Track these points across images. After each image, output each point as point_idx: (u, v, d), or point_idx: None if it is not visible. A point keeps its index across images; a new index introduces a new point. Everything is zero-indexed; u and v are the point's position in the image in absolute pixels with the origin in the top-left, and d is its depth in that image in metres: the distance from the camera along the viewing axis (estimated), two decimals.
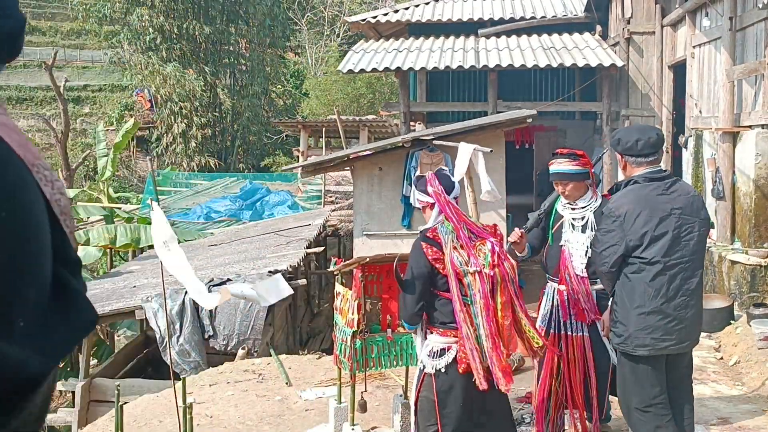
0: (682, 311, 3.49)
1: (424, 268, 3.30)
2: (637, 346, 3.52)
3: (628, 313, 3.52)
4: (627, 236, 3.47)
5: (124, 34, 29.12)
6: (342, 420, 4.60)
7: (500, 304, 3.24)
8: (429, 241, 3.31)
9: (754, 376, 5.78)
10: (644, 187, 3.52)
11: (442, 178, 3.44)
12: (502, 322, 3.23)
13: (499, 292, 3.23)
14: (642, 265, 3.47)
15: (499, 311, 3.23)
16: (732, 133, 8.10)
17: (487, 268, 3.22)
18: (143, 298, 7.36)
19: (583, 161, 3.99)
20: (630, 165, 3.61)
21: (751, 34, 7.87)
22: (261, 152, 31.53)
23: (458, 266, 3.22)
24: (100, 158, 21.31)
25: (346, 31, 32.24)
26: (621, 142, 3.62)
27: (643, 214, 3.45)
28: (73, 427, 7.12)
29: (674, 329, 3.48)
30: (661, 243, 3.45)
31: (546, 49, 11.91)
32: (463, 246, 3.26)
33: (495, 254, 3.26)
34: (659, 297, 3.46)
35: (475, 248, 3.27)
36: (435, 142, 8.90)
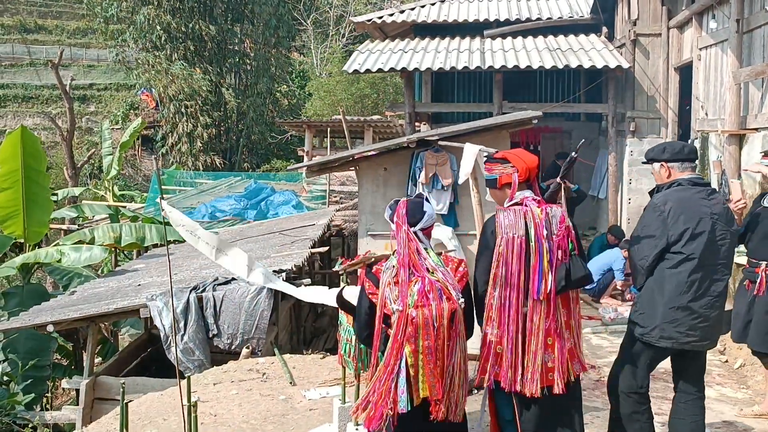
0: (708, 310, 3.66)
1: (365, 301, 3.30)
2: (662, 338, 3.68)
3: (658, 306, 3.67)
4: (668, 231, 3.66)
5: (130, 33, 29.18)
6: (346, 420, 4.60)
7: (422, 347, 3.06)
8: (370, 276, 3.29)
9: (758, 380, 5.77)
10: (687, 189, 3.73)
11: (411, 209, 3.28)
12: (423, 365, 3.07)
13: (420, 335, 3.09)
14: (679, 260, 3.64)
15: (420, 354, 3.07)
16: (738, 135, 8.08)
17: (410, 308, 3.07)
18: (148, 296, 7.37)
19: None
20: (674, 171, 3.81)
21: (758, 37, 7.85)
22: (266, 152, 31.58)
23: (387, 303, 3.12)
24: (105, 157, 21.40)
25: (352, 32, 32.26)
26: (667, 150, 3.83)
27: (686, 213, 3.65)
28: (78, 425, 7.13)
29: (698, 326, 3.65)
30: (699, 241, 3.63)
31: (552, 51, 11.89)
32: (397, 282, 3.13)
33: (423, 294, 3.07)
34: (690, 293, 3.63)
35: (409, 286, 3.11)
36: (440, 143, 8.89)
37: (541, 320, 3.23)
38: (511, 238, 3.25)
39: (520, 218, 3.28)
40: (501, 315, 3.26)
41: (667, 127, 11.31)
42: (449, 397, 3.17)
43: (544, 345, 3.24)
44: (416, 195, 3.46)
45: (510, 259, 3.24)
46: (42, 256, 10.62)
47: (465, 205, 8.77)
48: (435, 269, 3.17)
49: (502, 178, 3.44)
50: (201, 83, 28.01)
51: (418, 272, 3.15)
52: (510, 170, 3.41)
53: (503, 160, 3.46)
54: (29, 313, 8.31)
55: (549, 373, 3.24)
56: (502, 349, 3.28)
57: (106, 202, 18.50)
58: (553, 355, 3.24)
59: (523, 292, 3.23)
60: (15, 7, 45.81)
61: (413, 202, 3.34)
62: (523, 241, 3.24)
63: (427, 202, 3.37)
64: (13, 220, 10.99)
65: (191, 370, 7.02)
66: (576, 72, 12.76)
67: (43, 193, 11.17)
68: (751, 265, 4.90)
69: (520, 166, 3.40)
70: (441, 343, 3.10)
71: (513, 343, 3.25)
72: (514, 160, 3.43)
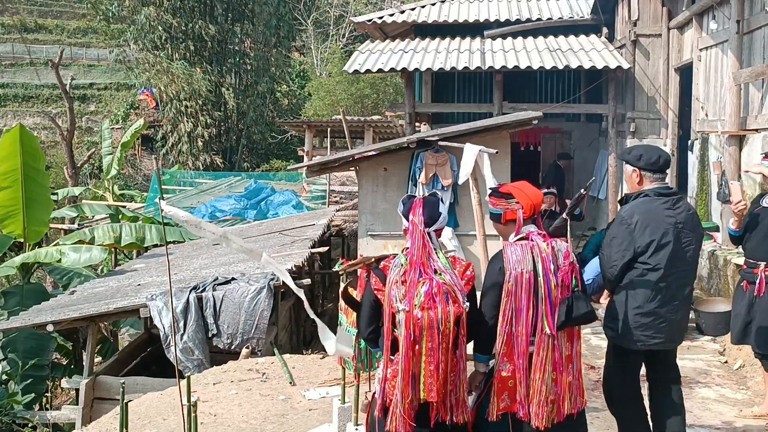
0: (673, 314, 3.87)
1: (371, 296, 3.31)
2: (631, 341, 3.87)
3: (627, 312, 3.85)
4: (635, 243, 3.80)
5: (131, 32, 29.19)
6: (346, 420, 4.61)
7: (425, 349, 3.09)
8: (377, 272, 3.29)
9: (758, 380, 5.77)
10: (653, 201, 3.85)
11: (428, 207, 3.29)
12: (425, 366, 3.10)
13: (425, 337, 3.09)
14: (645, 270, 3.81)
15: (423, 355, 3.10)
16: (738, 136, 8.08)
17: (417, 309, 3.08)
18: (147, 296, 7.37)
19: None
20: (645, 179, 3.92)
21: (758, 38, 7.85)
22: (266, 152, 31.58)
23: (393, 301, 3.13)
24: (105, 156, 21.41)
25: (352, 32, 32.27)
26: (643, 158, 3.90)
27: (652, 225, 3.79)
28: (77, 425, 7.13)
29: (663, 329, 3.85)
30: (664, 252, 3.78)
31: (552, 51, 11.89)
32: (405, 282, 3.14)
33: (429, 296, 3.09)
34: (656, 300, 3.81)
35: (416, 287, 3.12)
36: (440, 143, 8.89)
37: (548, 354, 3.25)
38: (519, 274, 3.24)
39: (528, 253, 3.27)
40: (509, 350, 3.28)
41: (667, 128, 11.31)
42: (449, 400, 3.18)
43: (550, 379, 3.27)
44: (431, 193, 3.44)
45: (520, 294, 3.24)
46: (42, 255, 10.61)
47: (465, 206, 8.77)
48: (443, 271, 3.18)
49: (507, 215, 3.42)
50: (201, 83, 28.01)
51: (426, 273, 3.15)
52: (515, 207, 3.38)
53: (508, 195, 3.43)
54: (29, 312, 8.31)
55: (550, 405, 3.27)
56: (513, 383, 3.30)
57: (106, 202, 18.50)
58: (555, 389, 3.27)
59: (531, 326, 3.25)
60: (15, 6, 45.83)
61: (430, 201, 3.33)
62: (532, 277, 3.24)
63: (441, 202, 3.37)
64: (13, 219, 10.97)
65: (191, 369, 7.02)
66: (576, 73, 12.76)
67: (42, 192, 11.15)
68: (749, 266, 4.89)
69: (525, 203, 3.38)
70: (444, 346, 3.12)
71: (523, 376, 3.27)
72: (519, 196, 3.41)
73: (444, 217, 3.33)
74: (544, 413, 3.25)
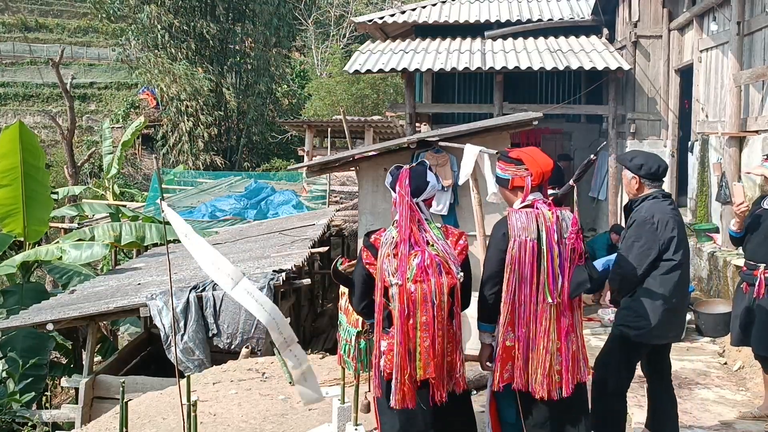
0: (683, 306, 4.10)
1: (362, 270, 3.26)
2: (654, 336, 3.95)
3: (655, 310, 3.90)
4: (659, 240, 3.91)
5: (132, 31, 29.18)
6: (345, 420, 4.61)
7: (419, 323, 3.04)
8: (368, 245, 3.24)
9: (758, 382, 5.77)
10: (663, 201, 4.03)
11: (414, 177, 3.23)
12: (420, 342, 3.06)
13: (419, 310, 3.04)
14: (670, 268, 3.93)
15: (417, 330, 3.05)
16: (738, 137, 8.08)
17: (410, 282, 3.03)
18: (148, 295, 7.37)
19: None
20: (644, 186, 4.07)
21: (758, 39, 7.86)
22: (266, 152, 31.58)
23: (386, 275, 3.09)
24: (105, 156, 21.41)
25: (353, 32, 32.26)
26: (644, 168, 4.03)
27: (670, 222, 3.95)
28: (77, 424, 7.13)
29: (679, 322, 4.09)
30: (683, 248, 3.97)
31: (552, 52, 11.90)
32: (397, 254, 3.09)
33: (422, 269, 3.04)
34: (677, 296, 3.95)
35: (408, 259, 3.06)
36: (441, 144, 8.90)
37: (551, 323, 3.22)
38: (523, 241, 3.20)
39: (532, 221, 3.23)
40: (513, 318, 3.25)
41: (667, 129, 11.31)
42: (447, 375, 3.16)
43: (555, 348, 3.24)
44: (418, 162, 3.37)
45: (524, 262, 3.21)
46: (42, 253, 10.60)
47: (465, 206, 8.77)
48: (435, 242, 3.13)
49: (515, 180, 3.36)
50: (203, 83, 28.02)
51: (418, 245, 3.10)
52: (524, 173, 3.33)
53: (518, 161, 3.36)
54: (29, 311, 8.31)
55: (556, 375, 3.24)
56: (516, 352, 3.27)
57: (106, 201, 18.51)
58: (560, 358, 3.24)
59: (534, 295, 3.22)
60: (16, 5, 45.83)
61: (416, 170, 3.27)
62: (535, 245, 3.20)
63: (429, 171, 3.29)
64: (13, 218, 10.95)
65: (191, 369, 7.02)
66: (576, 73, 12.77)
67: (42, 191, 11.11)
68: (749, 267, 4.89)
69: (535, 171, 3.32)
70: (439, 318, 3.07)
71: (524, 346, 3.25)
72: (529, 162, 3.34)
73: (433, 185, 3.26)
74: (551, 383, 3.22)
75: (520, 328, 3.24)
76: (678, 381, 5.96)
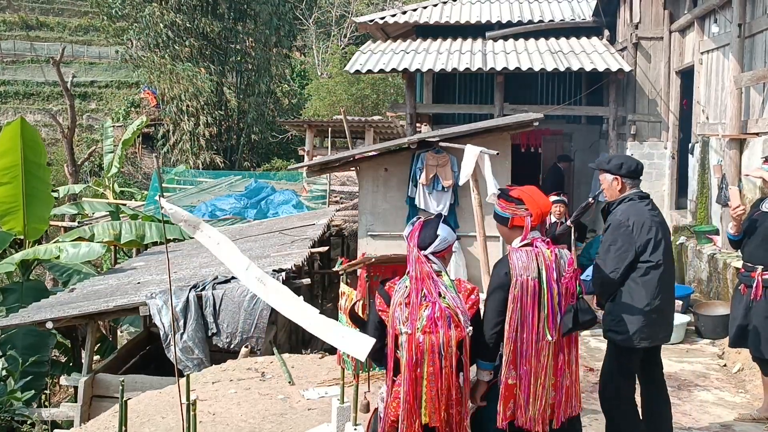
0: (669, 306, 4.06)
1: (375, 317, 3.31)
2: (641, 339, 3.95)
3: (636, 313, 3.91)
4: (636, 243, 3.91)
5: (134, 30, 29.19)
6: (344, 420, 4.61)
7: (426, 373, 3.08)
8: (382, 293, 3.28)
9: (757, 384, 5.77)
10: (639, 203, 4.04)
11: (423, 230, 3.26)
12: (426, 391, 3.09)
13: (426, 361, 3.07)
14: (648, 269, 3.92)
15: (423, 380, 3.08)
16: (739, 140, 8.09)
17: (419, 333, 3.06)
18: (147, 294, 7.37)
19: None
20: (626, 186, 4.10)
21: (759, 41, 7.86)
22: (266, 151, 31.58)
23: (396, 323, 3.12)
24: (106, 154, 21.39)
25: (354, 32, 32.27)
26: (624, 167, 4.08)
27: (646, 224, 3.95)
28: (76, 422, 7.13)
29: (666, 324, 4.05)
30: (661, 248, 3.96)
31: (553, 53, 11.90)
32: (408, 303, 3.13)
33: (431, 320, 3.07)
34: (659, 296, 3.95)
35: (419, 310, 3.10)
36: (441, 144, 8.90)
37: (549, 360, 3.27)
38: (525, 280, 3.23)
39: (533, 260, 3.26)
40: (515, 356, 3.28)
41: (668, 131, 11.32)
42: (449, 425, 3.18)
43: (550, 384, 3.28)
44: (436, 216, 3.39)
45: (525, 301, 3.24)
46: (41, 252, 10.60)
47: (465, 206, 8.78)
48: (446, 294, 3.16)
49: (515, 220, 3.39)
50: (204, 83, 28.03)
51: (430, 296, 3.13)
52: (524, 213, 3.35)
53: (518, 201, 3.39)
54: (28, 309, 8.31)
55: (549, 409, 3.30)
56: (517, 390, 3.30)
57: (107, 200, 18.51)
58: (554, 393, 3.30)
59: (535, 333, 3.25)
60: (17, 3, 45.84)
61: (428, 224, 3.29)
62: (536, 284, 3.24)
63: (443, 224, 3.31)
64: (13, 216, 10.94)
65: (191, 368, 7.01)
66: (577, 75, 12.77)
67: (43, 188, 11.09)
68: (746, 269, 4.91)
69: (535, 212, 3.35)
70: (447, 370, 3.10)
71: (527, 383, 3.28)
72: (529, 203, 3.37)
73: (443, 238, 3.26)
74: (544, 417, 3.27)
75: (522, 366, 3.27)
76: (677, 383, 5.96)
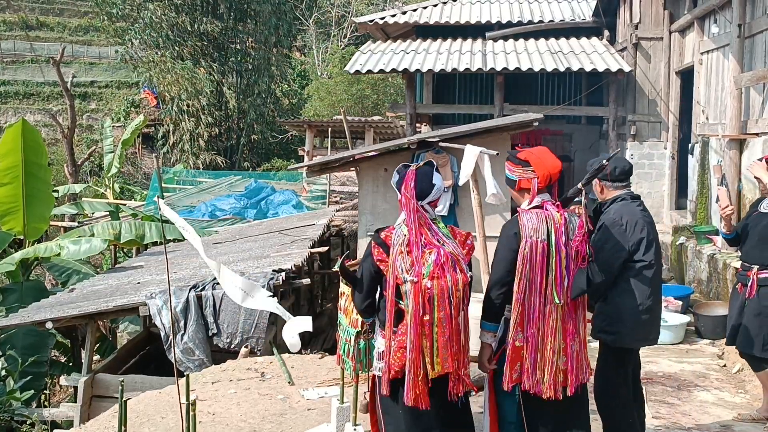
0: (659, 307, 4.08)
1: (371, 268, 3.25)
2: (634, 340, 3.97)
3: (628, 313, 3.90)
4: (628, 242, 3.91)
5: (135, 30, 29.19)
6: (344, 420, 4.61)
7: (436, 319, 3.06)
8: (379, 242, 3.23)
9: (757, 384, 5.77)
10: (631, 203, 4.06)
11: (419, 180, 3.23)
12: (438, 338, 3.08)
13: (436, 306, 3.06)
14: (641, 268, 3.93)
15: (434, 326, 3.06)
16: (739, 140, 8.09)
17: (426, 279, 3.05)
18: (147, 294, 7.37)
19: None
20: (608, 188, 4.10)
21: (759, 42, 7.86)
22: (266, 151, 31.58)
23: (399, 272, 3.09)
24: (106, 154, 21.40)
25: (354, 32, 32.26)
26: (618, 170, 4.07)
27: (639, 223, 3.95)
28: (75, 422, 7.12)
29: (656, 323, 4.06)
30: (653, 248, 3.97)
31: (553, 53, 11.90)
32: (410, 252, 3.10)
33: (438, 265, 3.06)
34: (651, 296, 3.95)
35: (423, 256, 3.08)
36: (441, 144, 8.90)
37: (558, 324, 3.25)
38: (534, 242, 3.21)
39: (543, 222, 3.24)
40: (523, 319, 3.26)
41: (667, 131, 11.32)
42: (460, 370, 3.18)
43: (560, 348, 3.26)
44: (425, 162, 3.35)
45: (535, 262, 3.22)
46: (41, 250, 10.60)
47: (465, 207, 8.77)
48: (445, 241, 3.17)
49: (521, 182, 3.37)
50: (204, 83, 28.03)
51: (432, 243, 3.13)
52: (531, 175, 3.33)
53: (525, 162, 3.36)
54: (28, 309, 8.30)
55: (561, 375, 3.27)
56: (524, 353, 3.28)
57: (107, 200, 18.51)
58: (565, 358, 3.27)
59: (543, 295, 3.24)
60: (17, 3, 45.85)
61: (422, 172, 3.25)
62: (546, 246, 3.21)
63: (436, 172, 3.29)
64: (13, 216, 10.95)
65: (191, 369, 7.00)
66: (577, 75, 12.78)
67: (44, 188, 11.11)
68: (743, 269, 4.96)
69: (541, 173, 3.32)
70: (456, 314, 3.10)
71: (533, 346, 3.26)
72: (536, 164, 3.33)
73: (438, 188, 3.26)
74: (556, 383, 3.24)
75: (530, 328, 3.25)
76: (677, 383, 5.97)
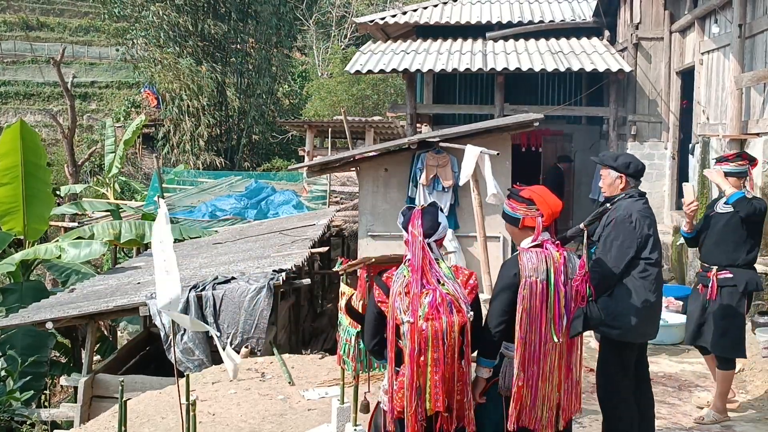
0: (660, 304, 4.18)
1: (374, 308, 3.30)
2: (639, 335, 4.03)
3: (634, 309, 3.96)
4: (637, 239, 3.97)
5: (136, 30, 29.19)
6: (344, 420, 4.60)
7: (430, 359, 3.09)
8: (380, 284, 3.28)
9: (758, 384, 5.77)
10: (640, 200, 4.13)
11: (426, 218, 3.25)
12: (431, 376, 3.10)
13: (430, 347, 3.08)
14: (647, 265, 4.00)
15: (428, 366, 3.09)
16: (739, 140, 8.09)
17: (421, 320, 3.07)
18: (147, 294, 7.37)
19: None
20: (629, 184, 4.17)
21: (760, 42, 7.86)
22: (267, 151, 31.58)
23: (397, 313, 3.13)
24: (107, 155, 21.40)
25: (354, 32, 32.25)
26: (632, 165, 4.16)
27: (647, 221, 4.02)
28: (76, 423, 7.13)
29: (656, 320, 4.15)
30: (658, 246, 4.06)
31: (554, 53, 11.90)
32: (408, 293, 3.13)
33: (433, 307, 3.08)
34: (655, 292, 4.03)
35: (420, 297, 3.11)
36: (441, 144, 8.90)
37: (556, 362, 3.27)
38: (534, 282, 3.22)
39: (542, 262, 3.25)
40: (524, 359, 3.28)
41: (668, 131, 11.32)
42: (458, 412, 3.19)
43: (555, 385, 3.29)
44: (430, 204, 3.40)
45: (534, 302, 3.23)
46: (42, 252, 10.60)
47: (465, 207, 8.78)
48: (446, 281, 3.17)
49: (526, 221, 3.37)
50: (206, 81, 28.03)
51: (430, 284, 3.14)
52: (535, 213, 3.33)
53: (529, 201, 3.37)
54: (28, 309, 8.30)
55: (556, 410, 3.32)
56: (524, 391, 3.30)
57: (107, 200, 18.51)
58: (558, 394, 3.30)
59: (541, 335, 3.25)
60: (18, 3, 45.86)
61: (429, 212, 3.29)
62: (545, 285, 3.23)
63: (441, 212, 3.34)
64: (13, 216, 10.95)
65: (191, 369, 7.01)
66: (578, 75, 12.77)
67: (43, 188, 11.12)
68: (703, 269, 5.00)
69: (546, 212, 3.33)
70: (450, 356, 3.11)
71: (534, 385, 3.28)
72: (540, 203, 3.35)
73: (444, 226, 3.30)
74: (551, 418, 3.28)
75: (530, 367, 3.27)
76: (678, 383, 5.96)
